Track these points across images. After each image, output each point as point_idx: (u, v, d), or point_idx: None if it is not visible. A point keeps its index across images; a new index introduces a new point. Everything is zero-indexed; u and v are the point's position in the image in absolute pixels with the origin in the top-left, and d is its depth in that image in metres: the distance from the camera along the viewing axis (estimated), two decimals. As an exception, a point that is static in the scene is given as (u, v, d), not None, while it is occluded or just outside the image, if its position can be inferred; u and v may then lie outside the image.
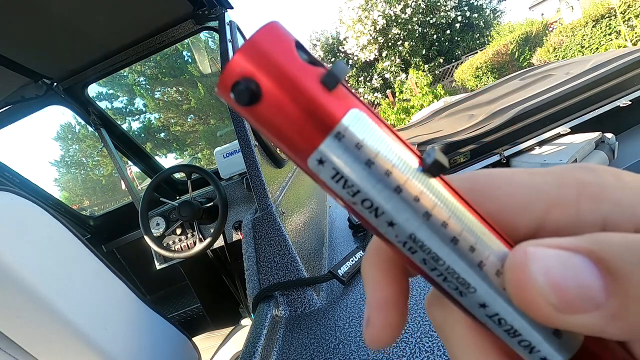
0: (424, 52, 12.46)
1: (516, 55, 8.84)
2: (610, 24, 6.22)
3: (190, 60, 14.81)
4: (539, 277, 0.10)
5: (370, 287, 0.13)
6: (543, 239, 0.11)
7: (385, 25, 12.19)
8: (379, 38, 12.36)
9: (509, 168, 0.13)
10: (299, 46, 0.10)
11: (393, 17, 12.11)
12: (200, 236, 1.53)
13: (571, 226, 0.12)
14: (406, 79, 10.45)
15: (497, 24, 13.27)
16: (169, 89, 15.54)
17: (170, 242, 1.59)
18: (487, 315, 0.12)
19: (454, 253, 0.11)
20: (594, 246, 0.10)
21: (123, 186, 1.92)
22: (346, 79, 0.10)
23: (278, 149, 0.12)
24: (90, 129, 1.98)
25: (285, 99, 0.10)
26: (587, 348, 0.12)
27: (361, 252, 0.72)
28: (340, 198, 0.11)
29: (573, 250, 0.10)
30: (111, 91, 15.62)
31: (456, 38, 12.83)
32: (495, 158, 2.16)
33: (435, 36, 12.55)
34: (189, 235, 1.59)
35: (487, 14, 13.05)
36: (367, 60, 12.79)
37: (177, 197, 2.04)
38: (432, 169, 0.11)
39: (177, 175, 2.13)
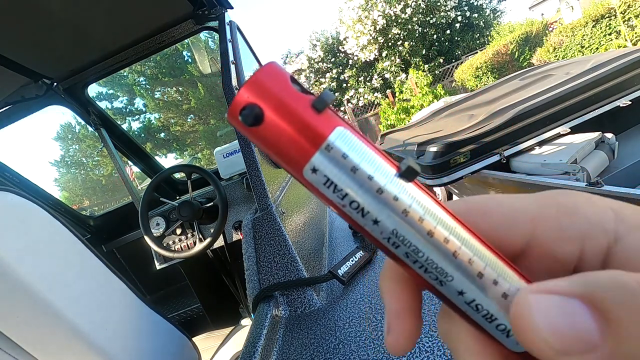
0: (424, 52, 12.45)
1: (516, 55, 8.84)
2: (610, 24, 6.22)
3: (190, 60, 14.80)
4: (542, 325, 0.11)
5: (388, 298, 0.15)
6: (543, 283, 0.12)
7: (385, 25, 12.19)
8: (379, 38, 12.36)
9: (499, 194, 0.15)
10: (293, 80, 0.13)
11: (393, 17, 12.11)
12: (200, 236, 1.53)
13: (556, 238, 0.14)
14: (406, 79, 10.45)
15: (497, 24, 13.26)
16: (169, 89, 15.53)
17: (170, 242, 1.59)
18: (465, 302, 0.13)
19: (430, 245, 0.13)
20: (586, 289, 0.11)
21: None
22: (332, 104, 0.13)
23: (278, 164, 0.13)
24: (90, 129, 1.98)
25: (282, 120, 0.12)
26: None
27: (361, 252, 0.72)
28: (332, 202, 0.13)
29: (569, 295, 0.11)
30: (111, 91, 15.61)
31: (456, 38, 12.83)
32: (495, 158, 2.16)
33: (435, 36, 12.54)
34: (189, 235, 1.59)
35: (487, 14, 13.04)
36: (367, 60, 12.78)
37: (177, 197, 2.04)
38: (407, 174, 0.13)
39: (177, 175, 2.13)
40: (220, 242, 1.55)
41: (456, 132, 2.40)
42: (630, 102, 2.11)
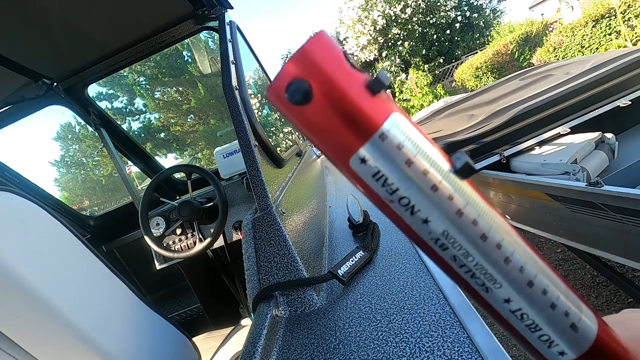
0: (424, 52, 12.45)
1: (516, 55, 8.84)
2: (610, 24, 6.22)
3: (190, 60, 14.80)
4: None
5: None
6: None
7: (385, 25, 12.19)
8: (379, 38, 12.36)
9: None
10: (346, 55, 0.11)
11: (393, 17, 12.11)
12: (200, 236, 1.53)
13: None
14: (406, 79, 10.45)
15: (497, 24, 13.26)
16: (169, 89, 15.53)
17: (170, 242, 1.58)
18: (510, 311, 0.12)
19: (482, 250, 0.12)
20: None
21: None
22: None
23: (320, 151, 0.12)
24: (90, 129, 1.98)
25: (333, 101, 0.11)
26: (598, 346, 0.13)
27: (361, 252, 0.72)
28: (377, 196, 0.12)
29: None
30: (111, 91, 15.61)
31: (456, 38, 12.82)
32: (495, 158, 2.16)
33: (435, 36, 12.54)
34: (189, 235, 1.59)
35: (487, 14, 13.04)
36: (367, 60, 12.78)
37: (177, 197, 2.04)
38: (463, 171, 0.11)
39: (177, 175, 2.13)
40: (220, 242, 1.55)
41: (456, 132, 2.40)
42: (630, 102, 2.11)
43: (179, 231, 1.58)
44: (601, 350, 0.13)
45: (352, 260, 0.70)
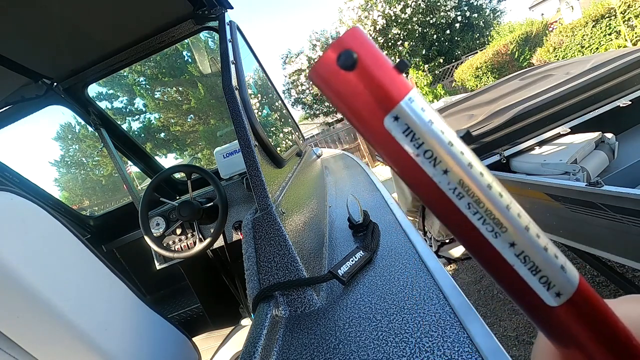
0: (424, 52, 12.45)
1: (516, 55, 8.84)
2: (610, 24, 6.22)
3: (190, 60, 14.79)
4: None
5: None
6: None
7: (385, 25, 12.18)
8: (379, 38, 12.35)
9: None
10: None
11: (393, 17, 12.11)
12: (200, 236, 1.53)
13: None
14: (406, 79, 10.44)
15: (497, 24, 13.26)
16: (169, 89, 15.53)
17: (170, 242, 1.58)
18: (515, 255, 0.14)
19: (490, 197, 0.14)
20: None
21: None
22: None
23: (353, 117, 0.14)
24: (90, 129, 1.98)
25: (375, 69, 0.14)
26: (582, 288, 0.15)
27: (361, 252, 0.72)
28: (404, 153, 0.14)
29: None
30: (111, 91, 15.61)
31: (456, 38, 12.82)
32: (495, 158, 2.16)
33: (435, 36, 12.54)
34: (189, 235, 1.59)
35: (487, 14, 13.04)
36: (367, 60, 12.76)
37: (177, 197, 2.04)
38: (466, 138, 0.21)
39: (177, 175, 2.13)
40: (220, 242, 1.55)
41: (456, 131, 2.40)
42: (630, 102, 2.11)
43: (179, 231, 1.58)
44: (585, 291, 0.15)
45: (352, 260, 0.70)
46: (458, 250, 3.07)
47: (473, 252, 0.16)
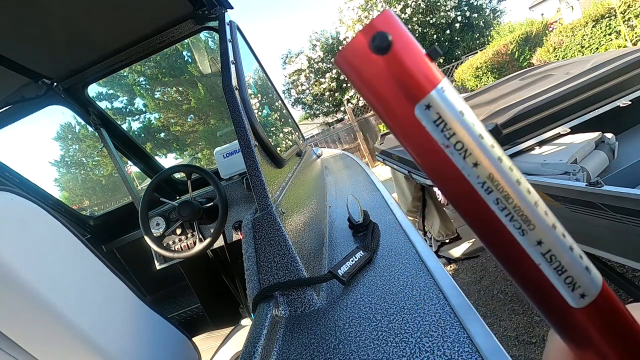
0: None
1: (516, 55, 8.84)
2: (610, 24, 6.21)
3: (190, 60, 14.79)
4: None
5: None
6: None
7: (385, 25, 12.17)
8: (379, 38, 12.34)
9: None
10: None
11: (393, 17, 12.10)
12: (200, 236, 1.53)
13: None
14: (406, 79, 10.43)
15: (497, 24, 13.25)
16: (169, 89, 15.52)
17: (170, 242, 1.58)
18: (541, 254, 0.14)
19: (519, 192, 0.14)
20: None
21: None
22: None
23: (381, 103, 0.13)
24: (90, 129, 1.98)
25: (408, 54, 0.13)
26: (605, 290, 0.15)
27: (361, 252, 0.72)
28: (434, 143, 0.13)
29: None
30: (111, 91, 15.60)
31: (456, 38, 12.82)
32: (495, 158, 2.16)
33: (435, 36, 12.53)
34: (189, 235, 1.59)
35: (487, 14, 13.03)
36: (367, 60, 12.76)
37: (177, 197, 2.04)
38: (494, 132, 0.22)
39: (177, 175, 2.13)
40: (220, 242, 1.55)
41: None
42: (630, 102, 2.11)
43: (179, 231, 1.58)
44: (607, 294, 0.15)
45: (352, 260, 0.70)
46: (458, 250, 3.07)
47: (495, 250, 0.15)
